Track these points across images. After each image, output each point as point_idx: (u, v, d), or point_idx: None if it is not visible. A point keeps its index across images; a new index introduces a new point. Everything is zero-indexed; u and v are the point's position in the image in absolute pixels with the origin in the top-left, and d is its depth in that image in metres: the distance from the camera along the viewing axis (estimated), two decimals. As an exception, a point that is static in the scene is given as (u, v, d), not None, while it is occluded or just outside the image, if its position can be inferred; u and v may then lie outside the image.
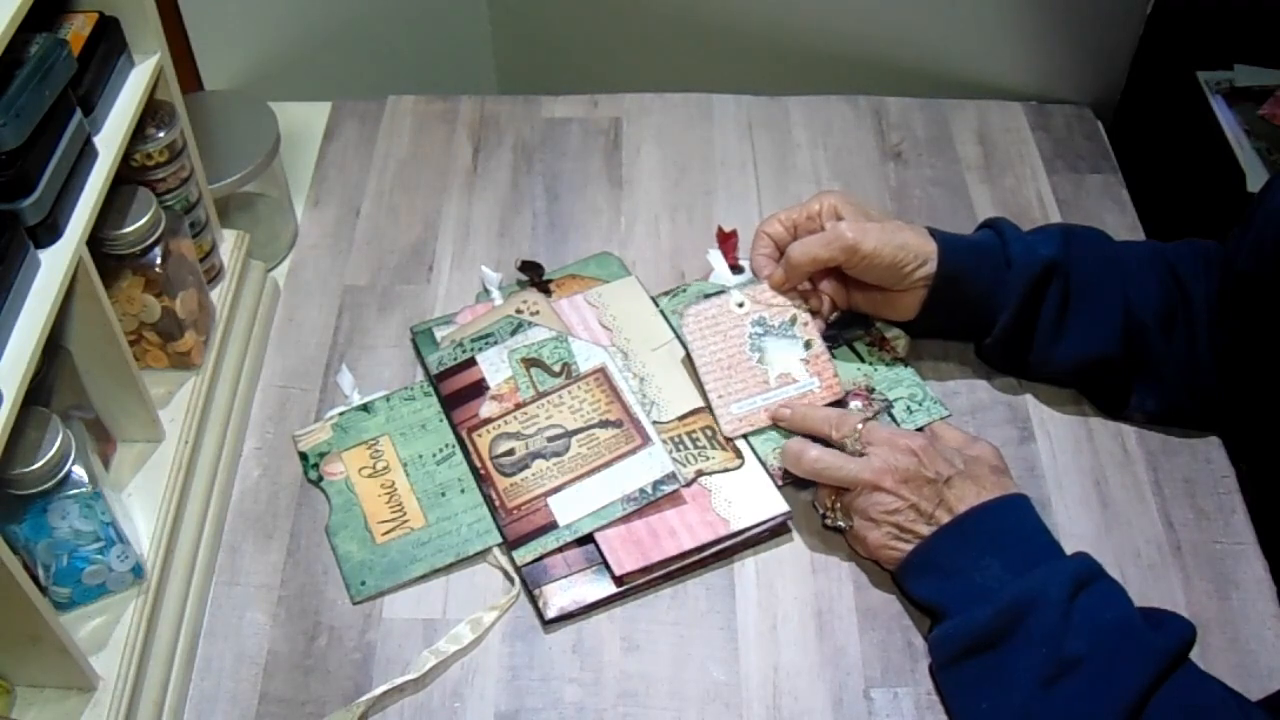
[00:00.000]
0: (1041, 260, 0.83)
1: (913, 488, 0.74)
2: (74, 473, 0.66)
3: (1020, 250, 0.84)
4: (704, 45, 1.22)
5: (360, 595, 0.78)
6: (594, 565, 0.78)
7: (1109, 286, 0.84)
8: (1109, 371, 0.85)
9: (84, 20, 0.72)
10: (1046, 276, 0.83)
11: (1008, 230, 0.86)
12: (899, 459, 0.75)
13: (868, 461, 0.76)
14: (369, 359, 0.92)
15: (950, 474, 0.75)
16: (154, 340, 0.81)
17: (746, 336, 0.86)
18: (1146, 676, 0.65)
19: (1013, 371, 0.89)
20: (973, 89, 1.14)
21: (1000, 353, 0.87)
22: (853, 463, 0.76)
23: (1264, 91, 1.16)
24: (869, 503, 0.76)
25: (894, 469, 0.75)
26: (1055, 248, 0.84)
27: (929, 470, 0.75)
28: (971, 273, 0.84)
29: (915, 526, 0.74)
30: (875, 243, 0.82)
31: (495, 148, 1.08)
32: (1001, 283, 0.84)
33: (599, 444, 0.83)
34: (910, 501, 0.74)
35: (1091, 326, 0.84)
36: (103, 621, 0.71)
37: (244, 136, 0.94)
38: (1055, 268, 0.83)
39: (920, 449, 0.76)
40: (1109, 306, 0.84)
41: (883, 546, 0.76)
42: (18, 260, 0.62)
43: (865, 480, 0.75)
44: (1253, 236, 0.79)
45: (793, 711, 0.73)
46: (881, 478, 0.75)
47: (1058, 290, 0.84)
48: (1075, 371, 0.86)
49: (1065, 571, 0.70)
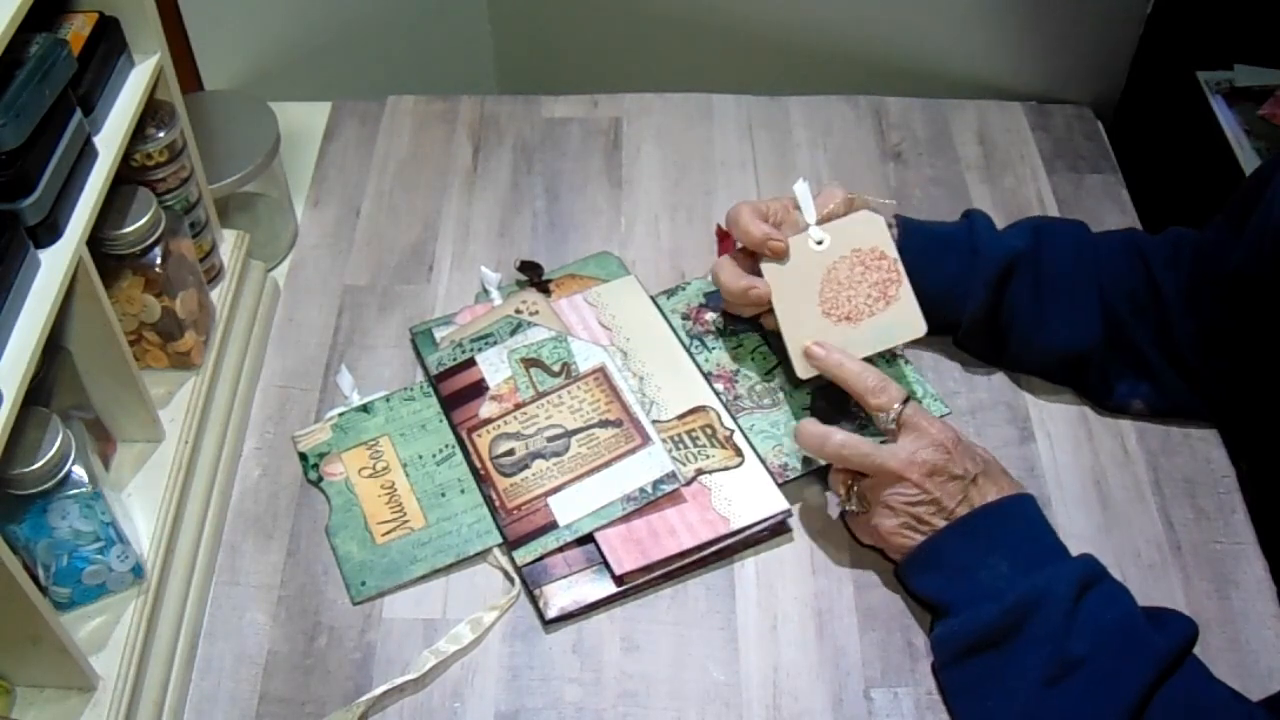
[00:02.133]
0: (1008, 251, 0.84)
1: (938, 482, 0.74)
2: (74, 473, 0.66)
3: (987, 241, 0.85)
4: (704, 45, 1.22)
5: (360, 595, 0.78)
6: (594, 565, 0.78)
7: (1083, 277, 0.85)
8: (1092, 360, 0.85)
9: (84, 20, 0.72)
10: (1011, 268, 0.84)
11: (979, 221, 0.87)
12: (929, 453, 0.74)
13: (895, 450, 0.75)
14: (369, 359, 0.92)
15: (976, 472, 0.75)
16: (154, 340, 0.81)
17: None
18: (1148, 676, 0.65)
19: (996, 362, 0.90)
20: (973, 89, 1.14)
21: (976, 343, 0.89)
22: (881, 451, 0.75)
23: (1264, 91, 1.16)
24: (891, 491, 0.75)
25: (923, 461, 0.74)
26: (1023, 240, 0.85)
27: (957, 467, 0.74)
28: (934, 259, 0.85)
29: (933, 520, 0.74)
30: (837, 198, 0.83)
31: (495, 148, 1.08)
32: (967, 273, 0.85)
33: (599, 444, 0.83)
34: (933, 496, 0.74)
35: (1071, 316, 0.85)
36: (103, 621, 0.71)
37: (244, 136, 0.94)
38: (1021, 259, 0.84)
39: (952, 444, 0.75)
40: (1086, 296, 0.84)
41: (895, 535, 0.75)
42: (18, 260, 0.62)
43: (891, 470, 0.74)
44: (1251, 237, 0.79)
45: (793, 711, 0.73)
46: (909, 469, 0.74)
47: (1028, 281, 0.84)
48: (1059, 361, 0.87)
49: (1071, 572, 0.70)
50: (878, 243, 0.83)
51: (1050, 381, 0.89)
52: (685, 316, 0.93)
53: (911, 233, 0.86)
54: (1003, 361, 0.89)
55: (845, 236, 0.83)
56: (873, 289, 0.82)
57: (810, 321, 0.82)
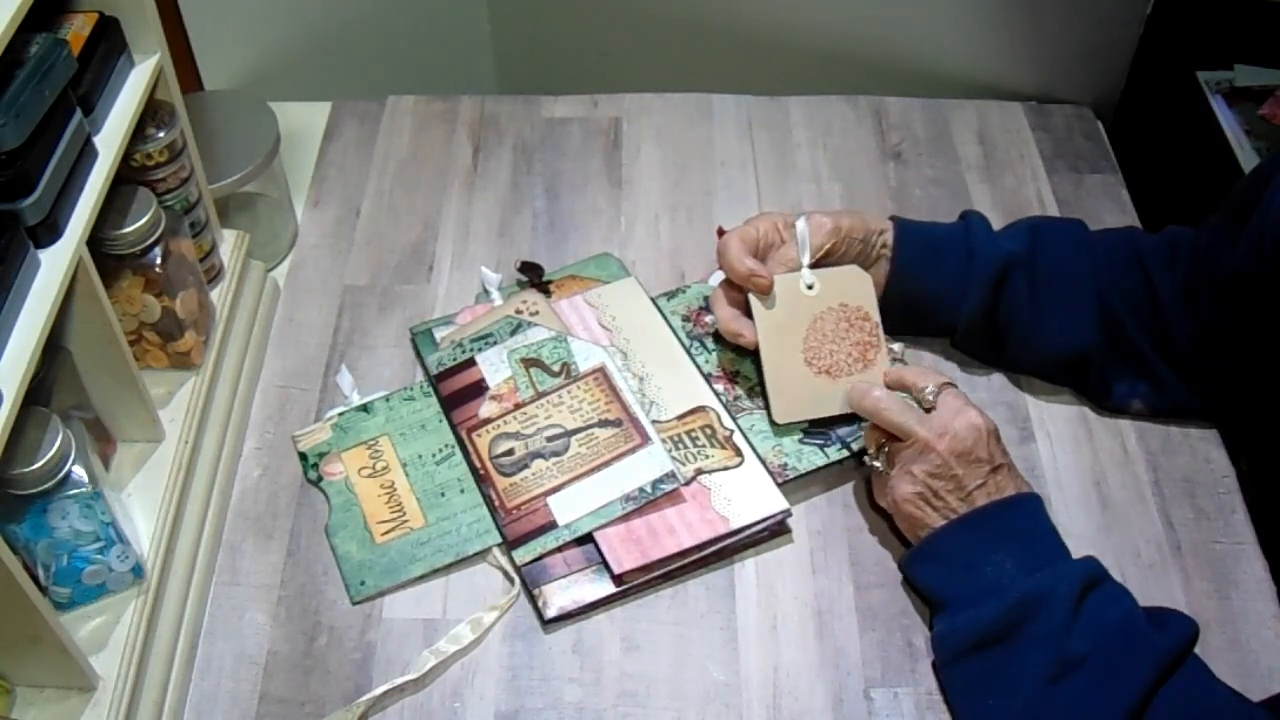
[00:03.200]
0: (1003, 254, 0.84)
1: (963, 462, 0.74)
2: (74, 473, 0.66)
3: (983, 243, 0.85)
4: (704, 45, 1.22)
5: (360, 595, 0.78)
6: (594, 565, 0.78)
7: (1079, 278, 0.85)
8: (1091, 361, 0.85)
9: (84, 20, 0.72)
10: (1007, 270, 0.84)
11: (975, 224, 0.87)
12: (962, 430, 0.75)
13: (929, 419, 0.76)
14: (369, 359, 0.92)
15: (1002, 462, 0.75)
16: (154, 340, 0.81)
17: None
18: (1149, 676, 0.65)
19: (995, 363, 0.90)
20: (973, 89, 1.14)
21: (974, 345, 0.89)
22: (912, 414, 0.77)
23: (1264, 91, 1.16)
24: (916, 458, 0.75)
25: (954, 435, 0.75)
26: (1020, 242, 0.85)
27: (984, 451, 0.75)
28: (931, 261, 0.85)
29: (950, 499, 0.75)
30: (833, 222, 0.84)
31: (495, 148, 1.08)
32: (963, 275, 0.85)
33: (598, 443, 0.83)
34: (955, 473, 0.74)
35: (1069, 317, 0.85)
36: (103, 621, 0.71)
37: (244, 136, 0.94)
38: (1017, 261, 0.84)
39: (987, 430, 0.75)
40: (1083, 297, 0.84)
41: (907, 502, 0.76)
42: (18, 260, 0.62)
43: (920, 434, 0.75)
44: (1250, 238, 0.79)
45: (793, 711, 0.73)
46: (937, 439, 0.75)
47: (1023, 283, 0.85)
48: (1057, 362, 0.87)
49: (1074, 572, 0.70)
50: (864, 303, 0.85)
51: (1049, 382, 0.89)
52: (685, 318, 0.93)
53: (909, 234, 0.86)
54: (1001, 363, 0.90)
55: (835, 287, 0.84)
56: (854, 348, 0.84)
57: (792, 368, 0.83)
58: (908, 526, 0.77)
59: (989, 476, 0.75)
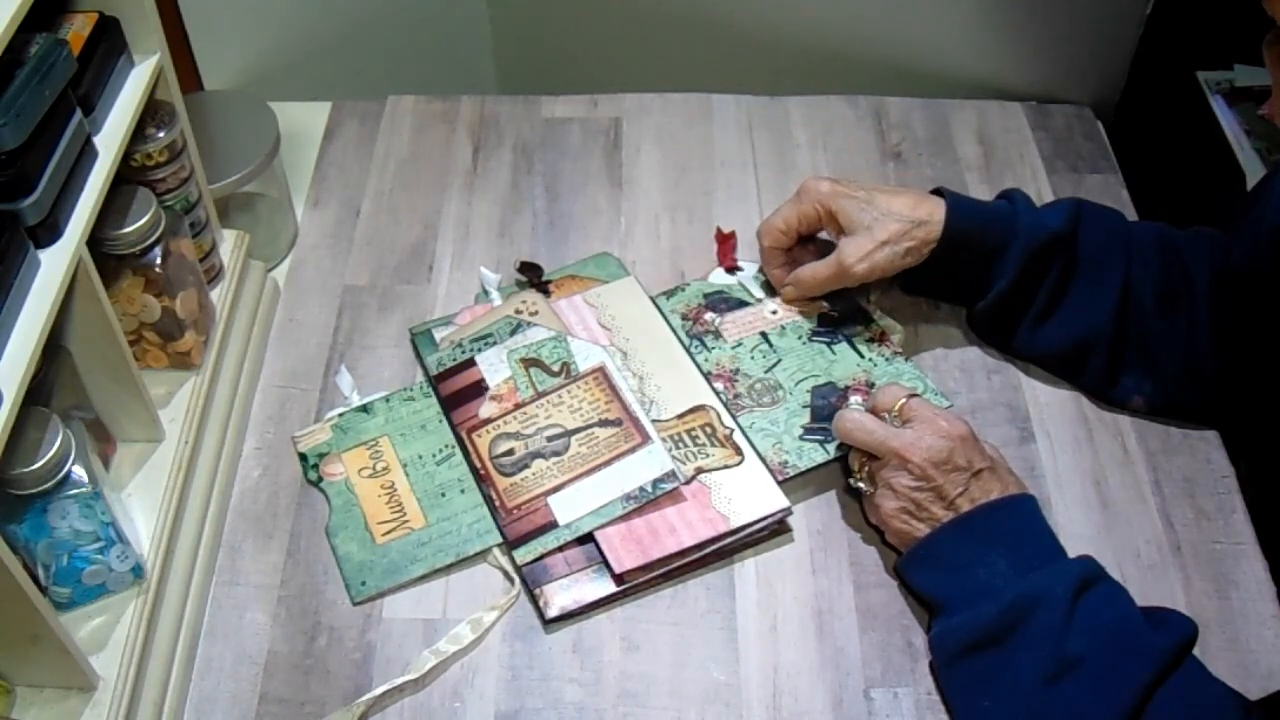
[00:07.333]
0: (1048, 231, 0.84)
1: (942, 471, 0.75)
2: (74, 473, 0.66)
3: (1029, 221, 0.85)
4: (704, 45, 1.22)
5: (360, 595, 0.78)
6: (594, 564, 0.78)
7: (1112, 264, 0.85)
8: (1096, 351, 0.85)
9: (84, 20, 0.72)
10: (1051, 249, 0.84)
11: (1020, 201, 0.88)
12: (933, 440, 0.75)
13: (901, 433, 0.76)
14: (369, 359, 0.92)
15: (982, 467, 0.75)
16: (154, 340, 0.81)
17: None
18: (1147, 675, 0.65)
19: (997, 344, 0.90)
20: (973, 89, 1.14)
21: (989, 324, 0.89)
22: (884, 430, 0.77)
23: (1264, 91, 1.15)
24: (894, 474, 0.76)
25: (926, 448, 0.75)
26: (1063, 221, 0.85)
27: (961, 458, 0.75)
28: (977, 238, 0.85)
29: (933, 508, 0.75)
30: (870, 265, 0.85)
31: (495, 148, 1.08)
32: (1004, 250, 0.85)
33: (598, 443, 0.83)
34: (936, 484, 0.74)
35: (1089, 301, 0.85)
36: (103, 621, 0.71)
37: (244, 136, 0.94)
38: (1060, 241, 0.84)
39: (959, 436, 0.76)
40: (1109, 282, 0.85)
41: (894, 518, 0.76)
42: (18, 260, 0.62)
43: (892, 449, 0.76)
44: (1247, 236, 0.79)
45: (793, 711, 0.73)
46: (910, 452, 0.75)
47: (1061, 264, 0.85)
48: (1064, 349, 0.87)
49: (1071, 572, 0.70)
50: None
51: (1049, 372, 0.89)
52: (685, 317, 0.93)
53: (960, 209, 0.86)
54: (1009, 346, 0.90)
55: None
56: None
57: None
58: (898, 541, 0.77)
59: (970, 482, 0.75)
